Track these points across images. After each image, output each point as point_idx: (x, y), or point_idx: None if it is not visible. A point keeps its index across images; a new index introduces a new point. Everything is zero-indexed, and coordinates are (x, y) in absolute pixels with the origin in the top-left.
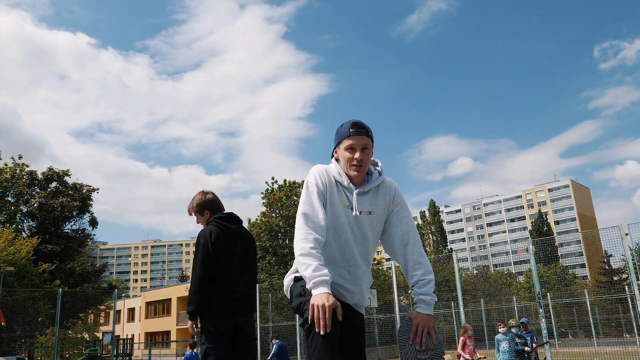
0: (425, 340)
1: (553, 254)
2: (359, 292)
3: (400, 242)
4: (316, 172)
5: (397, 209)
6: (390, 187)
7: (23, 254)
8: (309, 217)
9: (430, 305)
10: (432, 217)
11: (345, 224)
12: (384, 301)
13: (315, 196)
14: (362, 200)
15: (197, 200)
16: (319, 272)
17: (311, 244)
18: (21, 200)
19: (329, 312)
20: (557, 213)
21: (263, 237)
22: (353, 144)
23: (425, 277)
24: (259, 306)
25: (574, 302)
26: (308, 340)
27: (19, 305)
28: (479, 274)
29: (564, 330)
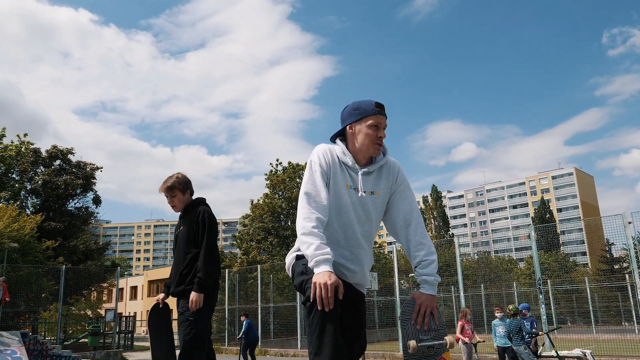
0: (427, 321)
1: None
2: (361, 271)
3: (403, 222)
4: (320, 152)
5: (400, 189)
6: (393, 167)
7: (27, 230)
8: (312, 197)
9: (433, 286)
10: (434, 202)
11: (349, 204)
12: (385, 284)
13: (319, 175)
14: (367, 180)
15: (183, 179)
16: (321, 250)
17: (313, 222)
18: (25, 178)
19: (330, 290)
20: (560, 201)
21: (266, 218)
22: (378, 122)
23: (427, 257)
24: (260, 287)
25: (574, 289)
26: (309, 318)
27: (23, 281)
28: (479, 259)
29: (562, 317)
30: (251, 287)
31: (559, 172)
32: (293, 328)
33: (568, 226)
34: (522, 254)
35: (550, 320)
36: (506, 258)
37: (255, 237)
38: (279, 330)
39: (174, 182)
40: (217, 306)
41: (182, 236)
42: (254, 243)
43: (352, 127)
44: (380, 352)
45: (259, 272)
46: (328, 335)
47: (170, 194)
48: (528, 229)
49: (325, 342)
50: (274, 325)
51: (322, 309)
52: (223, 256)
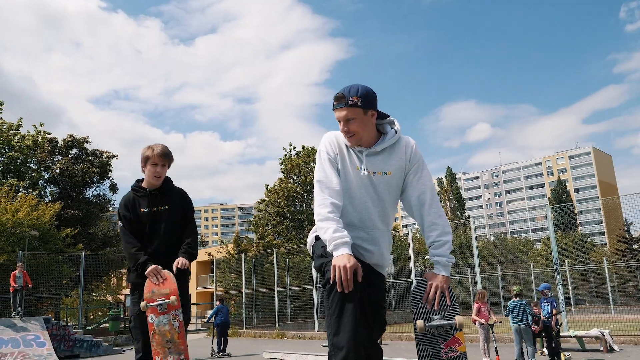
0: (438, 301)
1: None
2: (378, 252)
3: (417, 202)
4: (326, 141)
5: (415, 168)
6: (407, 146)
7: (46, 218)
8: (324, 183)
9: (446, 267)
10: (449, 184)
11: (360, 186)
12: (401, 267)
13: (327, 163)
14: (375, 160)
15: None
16: (339, 233)
17: (328, 208)
18: (43, 167)
19: (350, 273)
20: (578, 180)
21: (280, 202)
22: (337, 117)
23: (441, 238)
24: (276, 271)
25: (591, 270)
26: (329, 300)
27: (44, 268)
28: (496, 240)
29: (580, 297)
30: (267, 271)
31: (577, 152)
32: (310, 311)
33: (586, 206)
34: (539, 235)
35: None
36: (523, 239)
37: (270, 221)
38: (296, 314)
39: (169, 149)
40: (234, 290)
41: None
42: (270, 227)
43: None
44: (397, 334)
45: (274, 257)
46: (347, 316)
47: (164, 161)
48: (544, 209)
49: (344, 323)
50: (290, 308)
51: (342, 291)
52: (239, 241)
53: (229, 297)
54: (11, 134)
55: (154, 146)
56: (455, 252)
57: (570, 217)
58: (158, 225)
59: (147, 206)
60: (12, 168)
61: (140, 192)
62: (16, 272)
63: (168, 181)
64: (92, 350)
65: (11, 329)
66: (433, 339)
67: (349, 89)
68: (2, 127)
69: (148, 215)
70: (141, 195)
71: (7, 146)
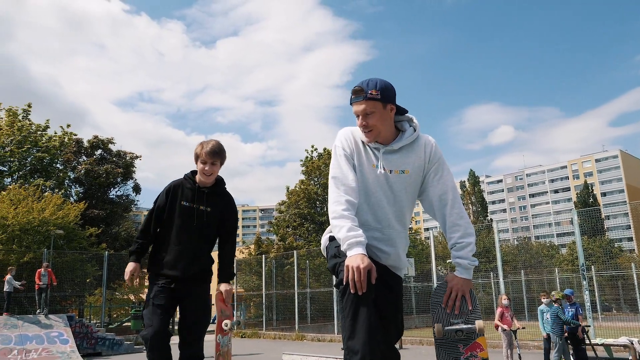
0: (458, 305)
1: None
2: (395, 253)
3: (439, 202)
4: (342, 136)
5: (435, 168)
6: (426, 144)
7: (71, 218)
8: (339, 180)
9: (468, 270)
10: (472, 187)
11: (375, 184)
12: (422, 271)
13: (343, 159)
14: (392, 158)
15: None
16: (353, 232)
17: (343, 205)
18: (69, 167)
19: (363, 273)
20: (605, 184)
21: (301, 204)
22: (355, 111)
23: (463, 240)
24: (296, 272)
25: (619, 276)
26: (342, 302)
27: (68, 266)
28: (519, 245)
29: (607, 304)
30: (288, 272)
31: (603, 155)
32: (330, 313)
33: (613, 210)
34: (564, 239)
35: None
36: (547, 244)
37: (291, 223)
38: (316, 316)
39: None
40: (254, 292)
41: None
42: (290, 229)
43: None
44: (418, 338)
45: (295, 258)
46: (362, 319)
47: (215, 160)
48: (570, 214)
49: (358, 326)
50: (310, 310)
51: (355, 292)
52: (260, 242)
53: (249, 299)
54: (39, 134)
55: (205, 143)
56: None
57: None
58: (191, 224)
59: (191, 201)
60: (39, 168)
61: (190, 183)
62: (41, 270)
63: (220, 183)
64: (114, 348)
65: (36, 326)
66: (453, 343)
67: (368, 82)
68: (30, 128)
69: (187, 210)
70: (189, 187)
71: (34, 147)
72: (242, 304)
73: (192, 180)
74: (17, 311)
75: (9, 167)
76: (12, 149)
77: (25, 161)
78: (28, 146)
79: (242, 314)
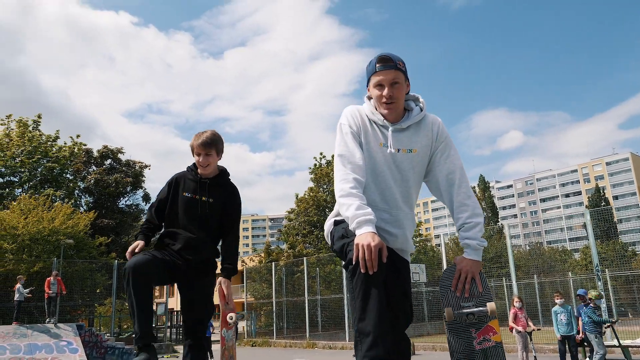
0: (468, 287)
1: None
2: (402, 235)
3: (446, 182)
4: (347, 113)
5: (442, 147)
6: (433, 123)
7: (81, 227)
8: (346, 158)
9: (477, 251)
10: (482, 193)
11: (383, 163)
12: (433, 277)
13: (350, 137)
14: (400, 137)
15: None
16: (362, 210)
17: (351, 183)
18: (79, 177)
19: (374, 251)
20: (616, 187)
21: (311, 211)
22: (381, 79)
23: (471, 220)
24: (306, 280)
25: (634, 279)
26: (352, 282)
27: (78, 276)
28: (531, 250)
29: (623, 309)
30: (298, 280)
31: (614, 158)
32: (341, 321)
33: (625, 214)
34: (576, 244)
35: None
36: (560, 248)
37: (301, 231)
38: (327, 323)
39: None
40: (264, 299)
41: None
42: (300, 237)
43: (368, 87)
44: (430, 344)
45: (305, 265)
46: (373, 300)
47: (208, 150)
48: (582, 217)
49: (369, 307)
50: (321, 318)
51: (366, 272)
52: (270, 251)
53: (260, 307)
54: (49, 145)
55: (199, 134)
56: (490, 260)
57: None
58: (194, 215)
59: (193, 192)
60: (49, 178)
61: (192, 175)
62: (51, 278)
63: (223, 174)
64: (124, 357)
65: (46, 335)
66: (465, 328)
67: (387, 53)
68: (40, 139)
69: (188, 201)
70: (191, 178)
71: (45, 157)
72: (253, 313)
73: (195, 171)
74: (26, 320)
75: (20, 177)
76: (23, 160)
77: (36, 171)
78: (38, 156)
79: (253, 323)
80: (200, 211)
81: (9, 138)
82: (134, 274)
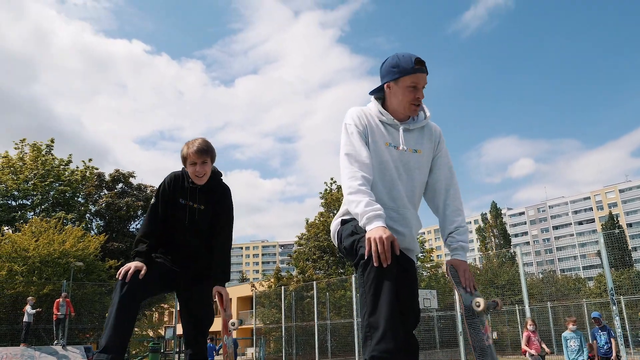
0: (474, 284)
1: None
2: (409, 234)
3: (444, 185)
4: (353, 114)
5: (442, 154)
6: (435, 129)
7: (91, 250)
8: (353, 156)
9: (466, 252)
10: (494, 220)
11: (390, 161)
12: (445, 303)
13: (356, 136)
14: (408, 137)
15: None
16: (372, 206)
17: (359, 181)
18: (90, 201)
19: (387, 243)
20: (630, 215)
21: (321, 237)
22: (417, 82)
23: (464, 224)
24: (316, 305)
25: None
26: (363, 277)
27: (87, 298)
28: (545, 277)
29: (639, 338)
30: (307, 305)
31: (627, 185)
32: (351, 348)
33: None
34: (590, 272)
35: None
36: (573, 276)
37: (311, 256)
38: (336, 349)
39: (209, 143)
40: (273, 324)
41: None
42: (310, 262)
43: (389, 85)
44: None
45: (315, 290)
46: (384, 294)
47: (204, 158)
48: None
49: (381, 302)
50: (331, 343)
51: (379, 266)
52: (280, 276)
53: (269, 332)
54: (61, 169)
55: (190, 142)
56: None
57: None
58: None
59: (185, 198)
60: (61, 202)
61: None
62: (60, 300)
63: (214, 177)
64: None
65: (53, 357)
66: (477, 323)
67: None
68: (53, 162)
69: (182, 208)
70: (184, 184)
71: (57, 181)
72: (262, 339)
73: (187, 179)
74: (34, 342)
75: (32, 200)
76: (35, 183)
77: (48, 195)
78: (51, 180)
79: (262, 349)
80: (194, 218)
81: (22, 162)
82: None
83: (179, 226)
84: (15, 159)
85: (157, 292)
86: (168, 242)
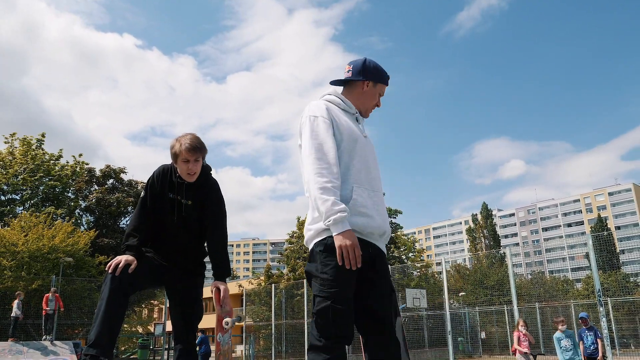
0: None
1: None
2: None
3: None
4: (314, 107)
5: None
6: None
7: (81, 245)
8: (319, 149)
9: None
10: (484, 221)
11: (363, 147)
12: (434, 303)
13: (322, 126)
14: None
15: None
16: (338, 207)
17: (326, 177)
18: (80, 196)
19: (357, 251)
20: (618, 218)
21: None
22: (383, 93)
23: None
24: (306, 303)
25: (637, 308)
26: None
27: (77, 294)
28: (533, 279)
29: (625, 340)
30: (298, 303)
31: (616, 188)
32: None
33: (628, 244)
34: (578, 274)
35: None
36: (562, 278)
37: (302, 254)
38: None
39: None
40: (263, 322)
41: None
42: (301, 260)
43: (367, 84)
44: None
45: (305, 288)
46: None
47: (197, 156)
48: (584, 247)
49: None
50: None
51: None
52: (270, 274)
53: (258, 330)
54: (52, 164)
55: (182, 139)
56: (491, 289)
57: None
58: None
59: (174, 192)
60: (50, 197)
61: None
62: (49, 295)
63: (203, 172)
64: None
65: (41, 352)
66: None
67: None
68: (43, 157)
69: (170, 202)
70: (172, 178)
71: (47, 176)
72: (252, 336)
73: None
74: (23, 337)
75: (21, 195)
76: (25, 177)
77: (38, 189)
78: (40, 175)
79: (251, 347)
80: (182, 213)
81: (12, 156)
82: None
83: (168, 221)
84: (5, 153)
85: (146, 287)
86: (157, 236)
